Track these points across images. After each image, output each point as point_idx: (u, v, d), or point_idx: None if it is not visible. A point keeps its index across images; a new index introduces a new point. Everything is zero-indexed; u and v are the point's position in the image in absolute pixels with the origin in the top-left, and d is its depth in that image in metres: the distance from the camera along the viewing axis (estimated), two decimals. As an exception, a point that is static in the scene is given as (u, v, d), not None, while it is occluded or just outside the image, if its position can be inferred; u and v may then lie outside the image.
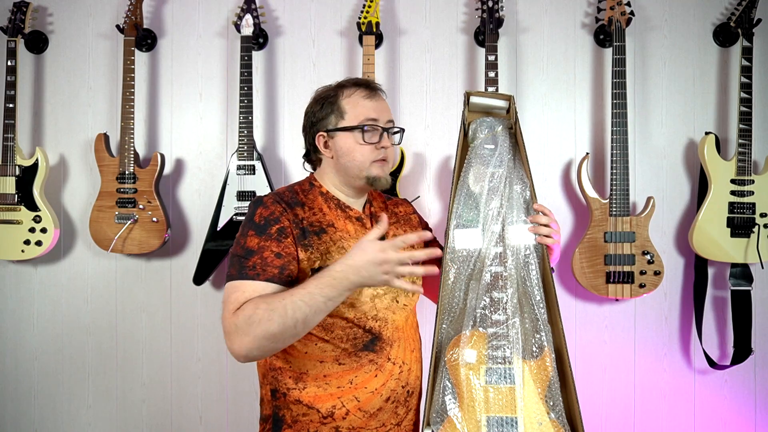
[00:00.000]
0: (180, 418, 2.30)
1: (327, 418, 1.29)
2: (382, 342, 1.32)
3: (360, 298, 1.30)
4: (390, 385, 1.32)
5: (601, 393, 2.20)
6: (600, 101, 2.20)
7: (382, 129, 1.35)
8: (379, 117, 1.35)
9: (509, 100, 1.45)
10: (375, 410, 1.31)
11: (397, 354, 1.34)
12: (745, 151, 2.01)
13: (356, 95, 1.36)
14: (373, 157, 1.34)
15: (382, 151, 1.35)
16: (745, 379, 2.18)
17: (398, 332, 1.36)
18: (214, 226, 2.12)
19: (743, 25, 2.04)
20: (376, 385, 1.30)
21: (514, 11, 2.22)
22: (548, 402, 1.31)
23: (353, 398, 1.29)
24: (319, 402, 1.29)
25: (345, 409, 1.29)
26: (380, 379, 1.31)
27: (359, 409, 1.29)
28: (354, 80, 1.40)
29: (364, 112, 1.34)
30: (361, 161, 1.34)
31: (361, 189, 1.39)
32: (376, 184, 1.36)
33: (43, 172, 2.19)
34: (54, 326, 2.33)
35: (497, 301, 1.33)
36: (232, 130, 2.26)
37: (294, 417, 1.30)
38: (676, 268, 2.20)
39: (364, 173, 1.34)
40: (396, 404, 1.34)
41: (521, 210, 1.37)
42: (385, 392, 1.32)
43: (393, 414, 1.34)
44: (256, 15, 2.14)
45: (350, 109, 1.35)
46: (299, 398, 1.30)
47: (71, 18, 2.31)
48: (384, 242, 1.13)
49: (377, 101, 1.37)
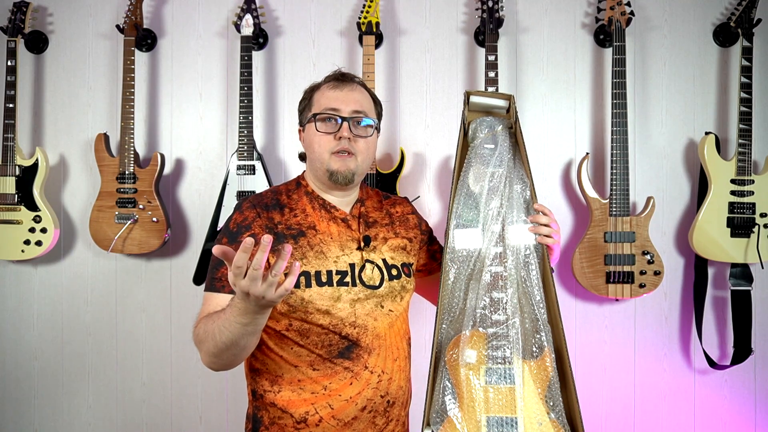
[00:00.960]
0: (180, 418, 2.30)
1: (300, 423, 1.26)
2: (359, 349, 1.27)
3: (337, 304, 1.26)
4: (366, 394, 1.27)
5: (601, 393, 2.20)
6: (600, 101, 2.20)
7: (340, 118, 1.29)
8: (340, 106, 1.30)
9: (509, 100, 1.44)
10: (350, 419, 1.26)
11: (375, 362, 1.29)
12: (745, 151, 2.01)
13: (324, 87, 1.34)
14: (331, 147, 1.29)
15: (342, 142, 1.28)
16: (745, 379, 2.18)
17: (379, 340, 1.30)
18: (214, 226, 2.12)
19: (743, 25, 2.04)
20: (351, 393, 1.26)
21: (514, 11, 2.22)
22: (548, 402, 1.31)
23: (327, 405, 1.26)
24: (292, 407, 1.26)
25: (318, 415, 1.25)
26: (355, 387, 1.27)
27: (333, 417, 1.26)
28: (332, 73, 1.37)
29: (325, 102, 1.31)
30: (318, 152, 1.30)
31: (330, 186, 1.34)
32: (334, 178, 1.30)
33: (43, 172, 2.19)
34: (54, 326, 2.33)
35: (497, 301, 1.33)
36: (232, 130, 2.26)
37: (271, 419, 1.29)
38: (676, 268, 2.20)
39: (324, 166, 1.30)
40: (374, 414, 1.29)
41: (521, 210, 1.36)
42: (361, 401, 1.27)
43: (370, 424, 1.29)
44: (256, 15, 2.14)
45: (317, 100, 1.33)
46: (274, 401, 1.28)
47: (71, 18, 2.31)
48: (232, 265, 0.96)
49: (343, 90, 1.31)
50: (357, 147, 1.31)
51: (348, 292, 1.28)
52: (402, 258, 1.39)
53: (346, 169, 1.30)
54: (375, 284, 1.31)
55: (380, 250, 1.35)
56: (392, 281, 1.33)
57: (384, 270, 1.33)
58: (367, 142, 1.33)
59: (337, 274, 1.28)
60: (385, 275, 1.33)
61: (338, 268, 1.28)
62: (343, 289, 1.27)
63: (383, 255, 1.35)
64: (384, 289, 1.32)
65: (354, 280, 1.29)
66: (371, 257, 1.33)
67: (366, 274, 1.31)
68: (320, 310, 1.25)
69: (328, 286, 1.26)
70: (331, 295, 1.26)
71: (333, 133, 1.29)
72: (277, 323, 1.28)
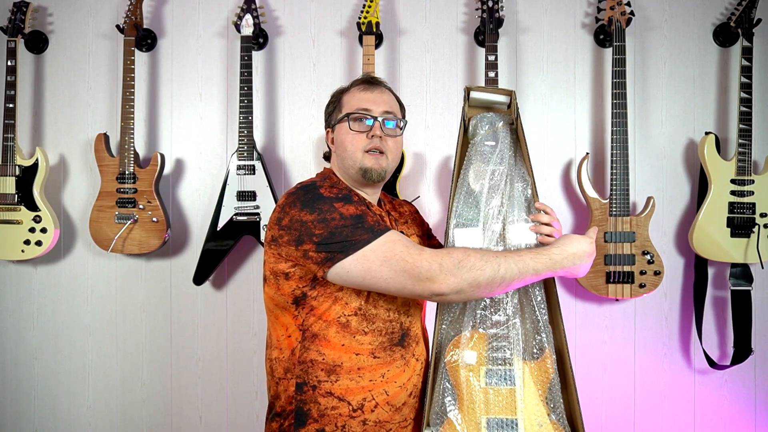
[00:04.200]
0: (180, 418, 2.30)
1: (356, 411, 1.28)
2: (409, 338, 1.34)
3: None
4: (414, 380, 1.35)
5: (601, 393, 2.20)
6: (600, 101, 2.19)
7: (372, 118, 1.34)
8: (371, 107, 1.35)
9: (510, 95, 1.42)
10: (400, 404, 1.32)
11: (421, 351, 1.38)
12: (745, 151, 2.01)
13: (354, 89, 1.40)
14: (363, 146, 1.33)
15: (374, 141, 1.33)
16: (745, 379, 2.18)
17: (419, 329, 1.40)
18: (214, 226, 2.12)
19: (743, 25, 2.04)
20: (403, 380, 1.32)
21: (514, 11, 2.22)
22: (549, 403, 1.31)
23: (383, 392, 1.29)
24: (350, 394, 1.28)
25: (374, 402, 1.29)
26: (407, 374, 1.33)
27: (387, 403, 1.30)
28: (361, 77, 1.44)
29: (356, 102, 1.36)
30: (351, 150, 1.34)
31: (362, 183, 1.37)
32: (367, 175, 1.33)
33: (43, 172, 2.19)
34: (54, 326, 2.33)
35: (497, 301, 1.32)
36: (232, 130, 2.26)
37: (321, 411, 1.27)
38: (676, 268, 2.20)
39: (357, 164, 1.33)
40: (416, 399, 1.37)
41: (522, 208, 1.35)
42: (410, 387, 1.34)
43: (413, 409, 1.36)
44: (256, 15, 2.14)
45: (347, 101, 1.38)
46: (331, 390, 1.28)
47: (71, 18, 2.31)
48: (593, 239, 1.29)
49: (373, 93, 1.37)
50: (387, 146, 1.35)
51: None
52: None
53: (379, 167, 1.34)
54: None
55: None
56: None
57: None
58: (396, 141, 1.38)
59: None
60: None
61: None
62: None
63: None
64: None
65: None
66: None
67: None
68: (387, 297, 1.30)
69: None
70: None
71: (365, 132, 1.33)
72: (346, 306, 1.27)
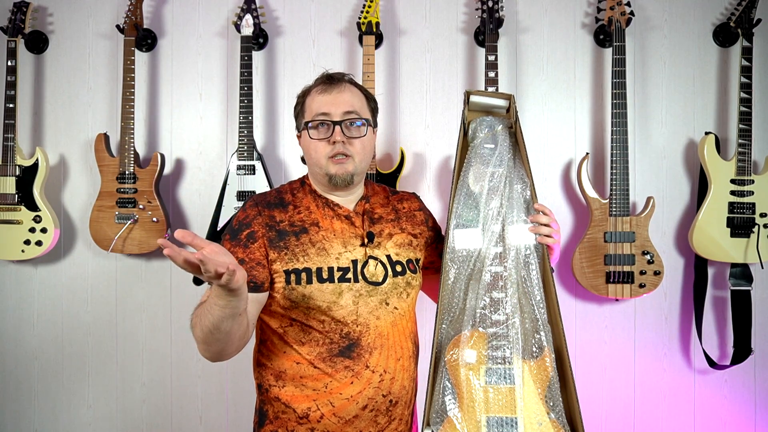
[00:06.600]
0: (180, 418, 2.30)
1: (303, 418, 1.28)
2: (360, 349, 1.28)
3: (339, 301, 1.27)
4: (367, 393, 1.28)
5: (601, 393, 2.20)
6: (600, 101, 2.20)
7: (332, 123, 1.28)
8: (330, 110, 1.29)
9: (509, 99, 1.44)
10: (351, 417, 1.28)
11: (377, 362, 1.29)
12: (745, 151, 2.01)
13: (314, 91, 1.34)
14: (326, 153, 1.29)
15: (337, 146, 1.28)
16: (745, 379, 2.18)
17: (381, 339, 1.30)
18: (214, 226, 2.12)
19: (743, 25, 2.04)
20: (351, 393, 1.27)
21: (514, 11, 2.22)
22: (548, 402, 1.31)
23: (328, 402, 1.27)
24: (295, 402, 1.29)
25: (320, 412, 1.27)
26: (356, 386, 1.28)
27: (334, 414, 1.27)
28: (320, 76, 1.36)
29: (315, 107, 1.31)
30: (315, 158, 1.31)
31: (333, 188, 1.34)
32: (333, 181, 1.31)
33: (43, 172, 2.19)
34: (54, 326, 2.33)
35: (497, 301, 1.33)
36: (232, 130, 2.26)
37: (275, 413, 1.31)
38: (676, 268, 2.20)
39: (323, 171, 1.31)
40: (375, 413, 1.30)
41: (521, 209, 1.36)
42: (362, 400, 1.28)
43: (372, 422, 1.30)
44: (256, 15, 2.14)
45: (308, 106, 1.33)
46: (278, 396, 1.30)
47: (71, 18, 2.31)
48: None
49: (331, 93, 1.30)
50: (353, 149, 1.30)
51: (350, 289, 1.28)
52: (407, 254, 1.38)
53: (345, 172, 1.30)
54: (378, 280, 1.31)
55: (385, 246, 1.35)
56: (396, 277, 1.33)
57: (388, 266, 1.33)
58: (363, 141, 1.32)
59: (338, 270, 1.28)
60: (389, 271, 1.33)
61: (340, 264, 1.29)
62: (344, 285, 1.28)
63: (388, 251, 1.35)
64: (388, 285, 1.32)
65: (356, 276, 1.29)
66: (375, 253, 1.33)
67: (368, 270, 1.31)
68: (321, 307, 1.26)
69: (329, 282, 1.27)
70: (333, 291, 1.26)
71: (327, 139, 1.29)
72: (281, 319, 1.30)
